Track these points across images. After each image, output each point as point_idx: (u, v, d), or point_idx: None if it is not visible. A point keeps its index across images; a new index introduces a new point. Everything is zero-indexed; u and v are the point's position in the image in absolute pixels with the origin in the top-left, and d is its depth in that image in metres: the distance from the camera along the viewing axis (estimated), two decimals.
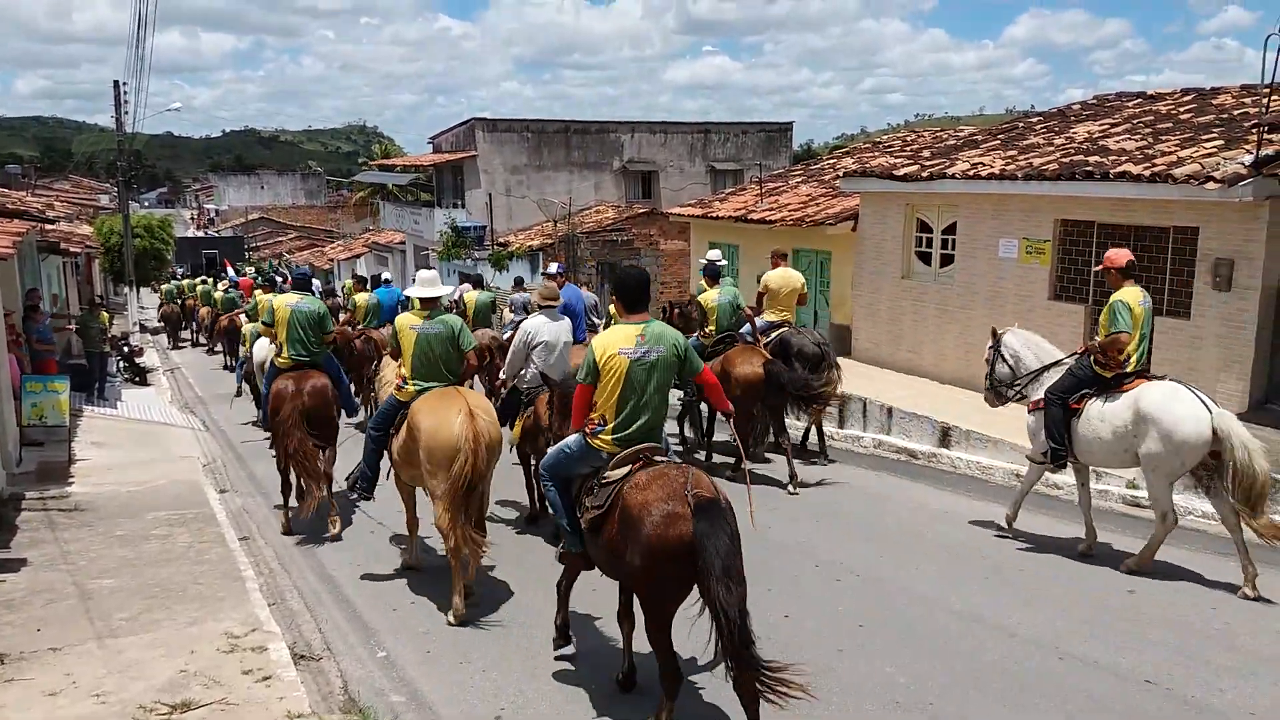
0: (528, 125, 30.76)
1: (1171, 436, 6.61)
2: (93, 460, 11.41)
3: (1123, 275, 7.06)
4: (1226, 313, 9.75)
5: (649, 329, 4.98)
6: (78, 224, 30.09)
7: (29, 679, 5.43)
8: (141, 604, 6.62)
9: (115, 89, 29.05)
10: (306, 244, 57.38)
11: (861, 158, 19.64)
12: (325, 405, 8.40)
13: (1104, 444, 7.05)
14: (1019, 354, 7.79)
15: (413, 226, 34.50)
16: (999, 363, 7.94)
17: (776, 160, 30.90)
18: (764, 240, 17.88)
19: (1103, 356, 7.01)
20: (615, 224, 27.03)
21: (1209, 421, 6.52)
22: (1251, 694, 5.13)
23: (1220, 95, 13.10)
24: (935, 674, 5.44)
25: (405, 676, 5.64)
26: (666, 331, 5.07)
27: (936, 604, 6.48)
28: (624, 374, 4.87)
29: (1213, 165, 9.65)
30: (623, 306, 5.11)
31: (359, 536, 8.44)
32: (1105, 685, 5.27)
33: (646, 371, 4.90)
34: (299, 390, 8.25)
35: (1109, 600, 6.46)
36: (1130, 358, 6.95)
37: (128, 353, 21.03)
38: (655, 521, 4.44)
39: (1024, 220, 12.08)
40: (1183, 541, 7.56)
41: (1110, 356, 6.98)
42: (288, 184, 78.36)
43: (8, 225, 11.82)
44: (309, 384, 8.33)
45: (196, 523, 8.70)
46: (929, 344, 13.52)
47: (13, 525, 8.48)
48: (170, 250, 38.56)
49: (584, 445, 5.03)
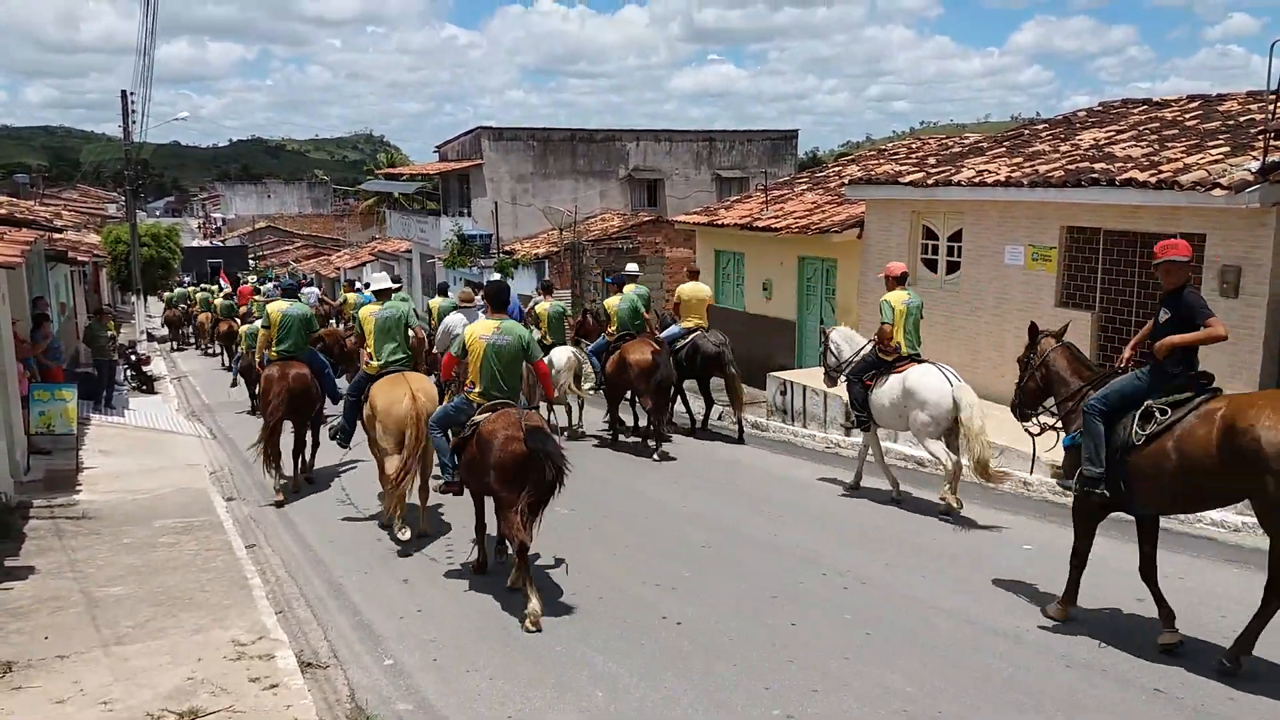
0: (533, 134, 30.82)
1: (926, 405, 8.57)
2: (100, 468, 11.44)
3: (897, 282, 9.17)
4: (1234, 320, 9.69)
5: (504, 324, 7.05)
6: (85, 233, 30.24)
7: (36, 686, 5.44)
8: (148, 611, 6.63)
9: (123, 99, 29.22)
10: (313, 252, 57.49)
11: (867, 165, 19.65)
12: (305, 388, 10.19)
13: (887, 412, 8.97)
14: (840, 346, 9.73)
15: (419, 235, 34.56)
16: (828, 354, 9.85)
17: (782, 168, 30.89)
18: (770, 248, 17.89)
19: (880, 345, 9.05)
20: (621, 232, 27.06)
21: (951, 393, 8.48)
22: (1258, 702, 5.10)
23: (1226, 101, 13.09)
24: (941, 681, 5.42)
25: (412, 684, 5.63)
26: (516, 327, 7.14)
27: (940, 610, 6.46)
28: (483, 352, 6.91)
29: (1219, 172, 9.63)
30: (491, 308, 7.28)
31: (365, 545, 8.45)
32: (1113, 692, 5.25)
33: (498, 352, 6.92)
34: (284, 376, 10.07)
35: (1115, 608, 6.44)
36: (900, 345, 8.95)
37: (135, 361, 21.10)
38: (500, 442, 6.47)
39: (1030, 227, 12.07)
40: (1188, 548, 7.54)
41: (884, 344, 9.00)
42: (294, 193, 78.50)
43: (16, 234, 11.87)
44: (292, 372, 10.12)
45: (203, 530, 8.72)
46: (934, 351, 13.44)
47: (20, 533, 8.50)
48: (177, 259, 38.80)
49: (464, 400, 7.10)
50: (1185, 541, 7.73)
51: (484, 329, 7.04)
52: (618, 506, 9.50)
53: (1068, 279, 11.79)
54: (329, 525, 9.12)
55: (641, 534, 8.52)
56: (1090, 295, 11.53)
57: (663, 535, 8.47)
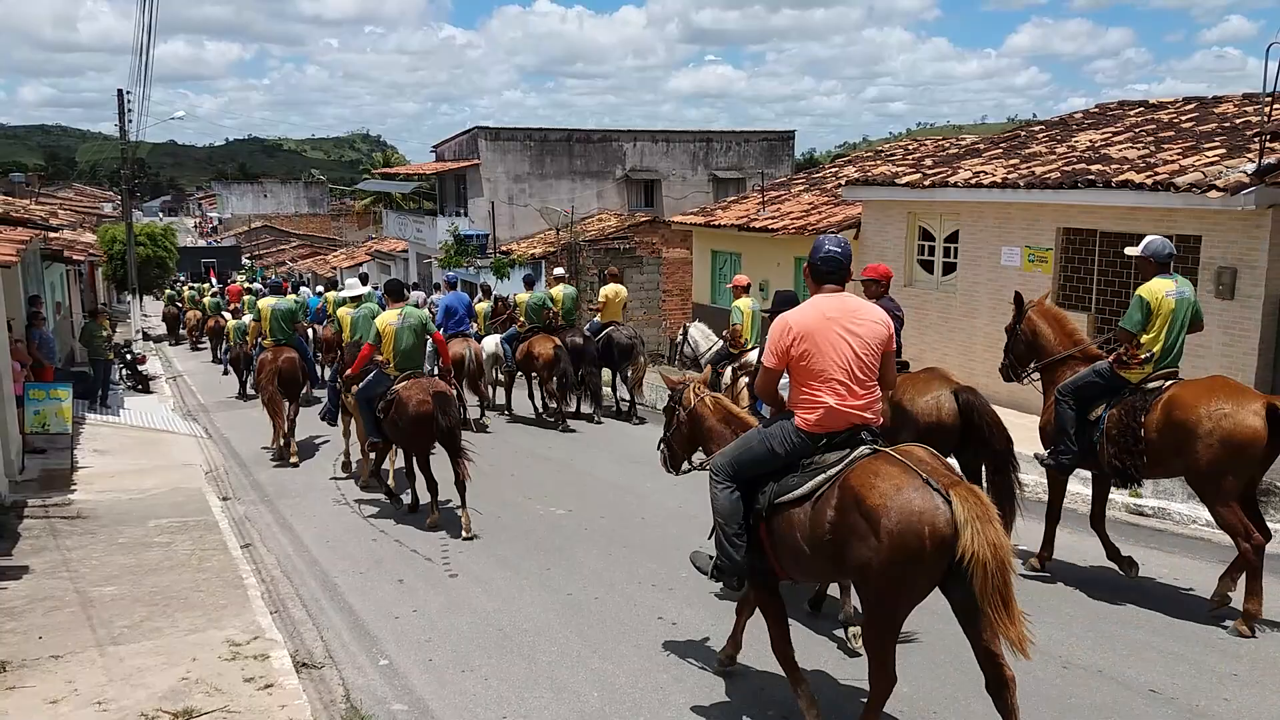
0: (530, 134, 30.78)
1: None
2: (95, 467, 11.41)
3: (743, 290, 10.99)
4: (1229, 321, 9.73)
5: (405, 310, 8.98)
6: (81, 232, 30.17)
7: (30, 686, 5.42)
8: (143, 611, 6.61)
9: (119, 97, 29.15)
10: (309, 252, 57.41)
11: (864, 166, 19.67)
12: (292, 370, 11.96)
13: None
14: (696, 340, 11.01)
15: (415, 235, 34.54)
16: (685, 346, 11.19)
17: (779, 169, 30.88)
18: (766, 248, 17.91)
19: (731, 340, 10.65)
20: (618, 232, 27.06)
21: None
22: (1255, 703, 5.11)
23: (1222, 104, 13.12)
24: (937, 685, 5.42)
25: (407, 685, 5.62)
26: (416, 311, 9.12)
27: (939, 614, 6.45)
28: (394, 334, 8.82)
29: (1215, 174, 9.65)
30: (390, 299, 9.31)
31: (360, 546, 8.44)
32: (1110, 694, 5.25)
33: (403, 332, 8.85)
34: (275, 359, 11.87)
35: (1112, 609, 6.44)
36: (748, 340, 10.63)
37: (130, 360, 21.04)
38: (412, 404, 8.44)
39: (1026, 229, 12.09)
40: (1186, 550, 7.55)
41: (734, 341, 10.64)
42: (291, 193, 78.34)
43: (12, 233, 11.85)
44: (282, 355, 11.92)
45: (198, 530, 8.70)
46: (931, 352, 13.50)
47: (15, 532, 8.48)
48: (173, 259, 38.79)
49: (380, 374, 9.00)
50: (1183, 543, 7.75)
51: (391, 316, 8.94)
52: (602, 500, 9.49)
53: (1064, 280, 11.81)
54: (324, 525, 9.11)
55: (629, 528, 8.52)
56: (1086, 296, 11.55)
57: (648, 531, 8.46)
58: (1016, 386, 7.49)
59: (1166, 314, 6.22)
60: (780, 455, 4.46)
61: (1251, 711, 5.04)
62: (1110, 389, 6.45)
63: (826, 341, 4.31)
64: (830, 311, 4.37)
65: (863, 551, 3.98)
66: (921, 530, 3.85)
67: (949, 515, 3.85)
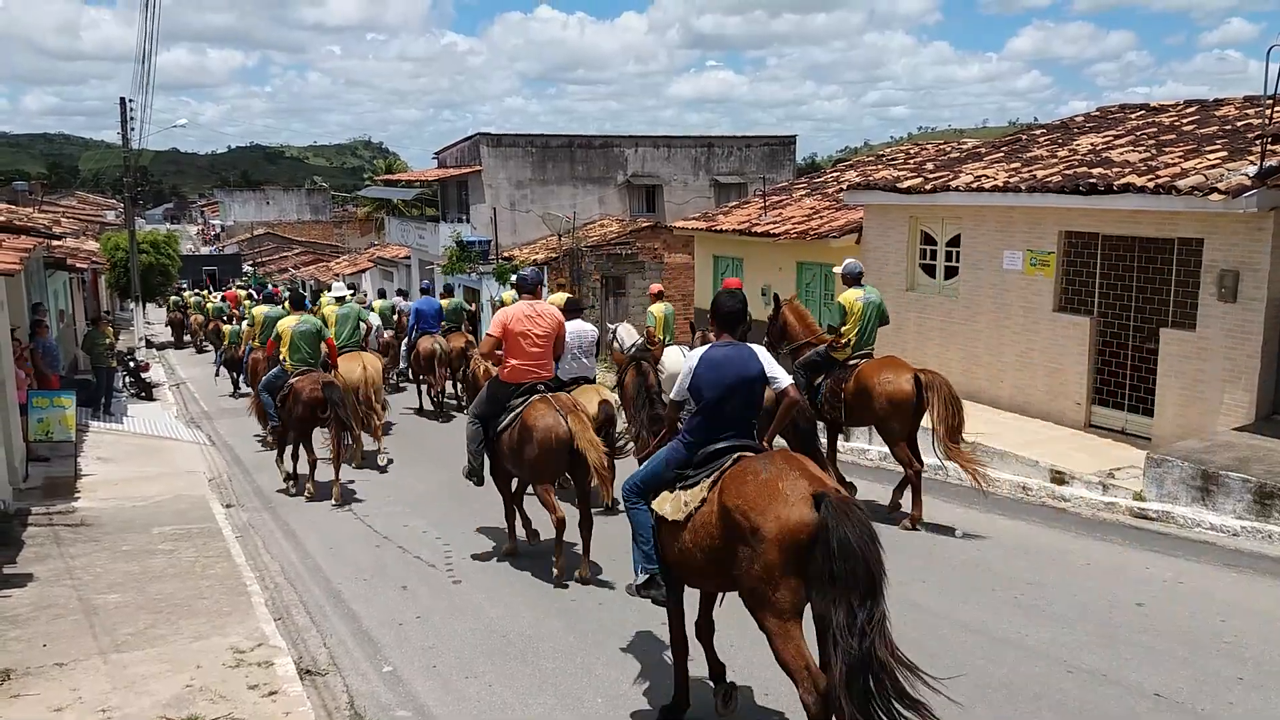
0: (532, 140, 30.81)
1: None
2: (99, 475, 11.43)
3: (657, 297, 12.25)
4: (1232, 324, 9.71)
5: (303, 317, 10.74)
6: (84, 240, 30.24)
7: (35, 694, 5.43)
8: (147, 619, 6.62)
9: (122, 105, 29.23)
10: (312, 259, 57.48)
11: (865, 171, 19.68)
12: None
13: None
14: (622, 337, 11.51)
15: (418, 241, 34.57)
16: (614, 342, 11.64)
17: (780, 173, 30.89)
18: (768, 253, 17.92)
19: (648, 339, 11.34)
20: (620, 238, 27.06)
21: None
22: (1260, 706, 5.10)
23: (1223, 106, 13.11)
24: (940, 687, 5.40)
25: (411, 691, 5.62)
26: (312, 319, 10.90)
27: (943, 617, 6.45)
28: (290, 337, 10.44)
29: (1216, 177, 9.64)
30: (293, 308, 11.32)
31: (363, 552, 8.44)
32: (1114, 698, 5.24)
33: (301, 335, 10.52)
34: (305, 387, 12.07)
35: (1117, 613, 6.43)
36: (661, 339, 11.51)
37: (134, 368, 21.08)
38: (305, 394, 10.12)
39: (1028, 232, 12.08)
40: (1190, 553, 7.54)
41: (650, 339, 11.41)
42: (293, 199, 78.46)
43: (15, 241, 11.87)
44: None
45: (202, 537, 8.71)
46: (932, 356, 13.49)
47: (19, 540, 8.49)
48: (176, 266, 38.92)
49: (280, 370, 10.57)
50: (1183, 546, 7.74)
51: (292, 320, 10.67)
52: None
53: (1066, 284, 11.80)
54: (327, 532, 9.11)
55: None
56: (1089, 300, 11.54)
57: None
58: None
59: (858, 314, 8.85)
60: (499, 398, 7.49)
61: (1256, 715, 5.03)
62: (826, 365, 9.04)
63: (521, 328, 7.37)
64: (527, 310, 7.41)
65: (527, 450, 7.18)
66: (552, 435, 7.11)
67: (566, 427, 7.12)
